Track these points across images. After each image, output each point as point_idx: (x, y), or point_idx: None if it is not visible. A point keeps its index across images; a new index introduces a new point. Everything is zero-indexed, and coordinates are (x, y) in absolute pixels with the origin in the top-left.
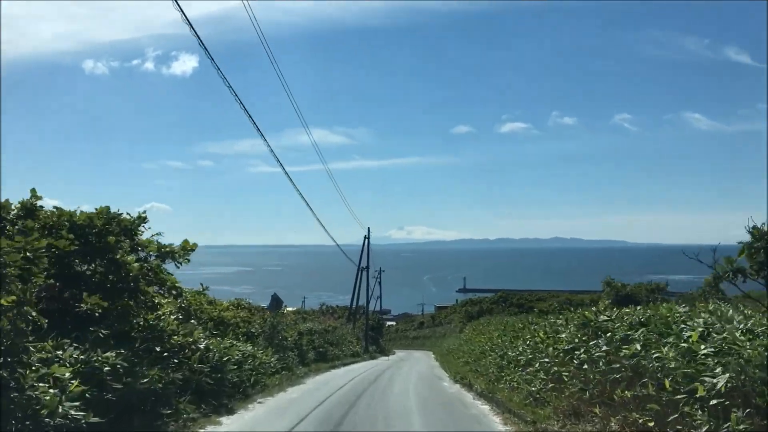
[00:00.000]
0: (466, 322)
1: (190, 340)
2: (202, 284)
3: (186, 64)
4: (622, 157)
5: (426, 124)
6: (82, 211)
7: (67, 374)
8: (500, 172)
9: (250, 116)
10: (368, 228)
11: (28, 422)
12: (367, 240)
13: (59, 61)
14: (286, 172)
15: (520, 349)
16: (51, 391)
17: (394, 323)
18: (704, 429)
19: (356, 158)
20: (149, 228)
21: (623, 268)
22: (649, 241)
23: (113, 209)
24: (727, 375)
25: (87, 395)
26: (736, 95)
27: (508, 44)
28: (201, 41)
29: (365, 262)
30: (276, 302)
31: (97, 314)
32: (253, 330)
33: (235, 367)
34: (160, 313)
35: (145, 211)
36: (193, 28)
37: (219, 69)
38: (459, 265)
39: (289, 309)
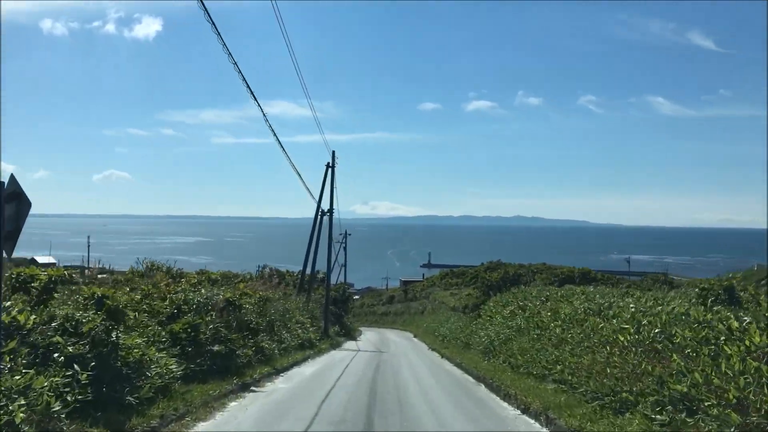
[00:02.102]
0: (482, 296)
1: None
2: None
3: (149, 27)
4: (586, 139)
5: (393, 99)
6: None
7: None
8: (465, 149)
9: (246, 82)
10: (333, 152)
11: None
12: (330, 170)
13: (15, 20)
14: (280, 143)
15: None
16: None
17: (358, 297)
18: None
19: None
20: None
21: (587, 246)
22: (609, 221)
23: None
24: None
25: None
26: (699, 81)
27: (477, 22)
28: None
29: (331, 207)
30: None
31: None
32: None
33: None
34: None
35: None
36: None
37: (221, 38)
38: (423, 241)
39: (217, 271)
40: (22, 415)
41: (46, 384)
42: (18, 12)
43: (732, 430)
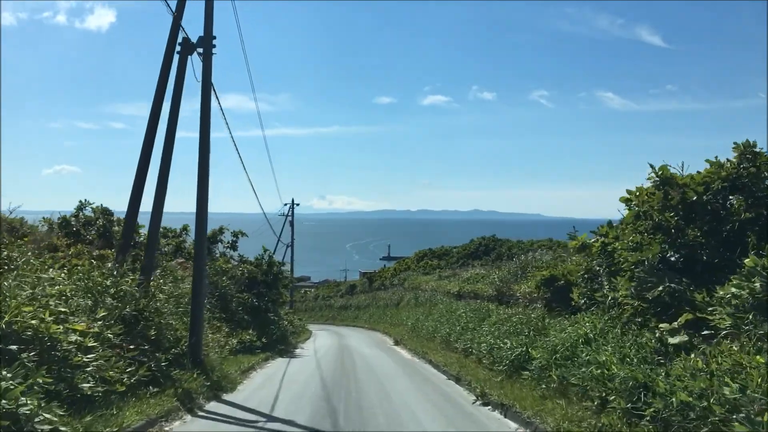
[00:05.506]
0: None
1: None
2: None
3: (101, 18)
4: (538, 133)
5: (349, 93)
6: None
7: None
8: (421, 143)
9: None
10: None
11: None
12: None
13: None
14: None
15: None
16: None
17: (314, 290)
18: None
19: (277, 126)
20: None
21: (544, 238)
22: (562, 214)
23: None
24: None
25: None
26: (646, 75)
27: (432, 18)
28: None
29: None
30: None
31: None
32: None
33: None
34: None
35: None
36: None
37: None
38: (381, 234)
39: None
40: None
41: None
42: None
43: None
